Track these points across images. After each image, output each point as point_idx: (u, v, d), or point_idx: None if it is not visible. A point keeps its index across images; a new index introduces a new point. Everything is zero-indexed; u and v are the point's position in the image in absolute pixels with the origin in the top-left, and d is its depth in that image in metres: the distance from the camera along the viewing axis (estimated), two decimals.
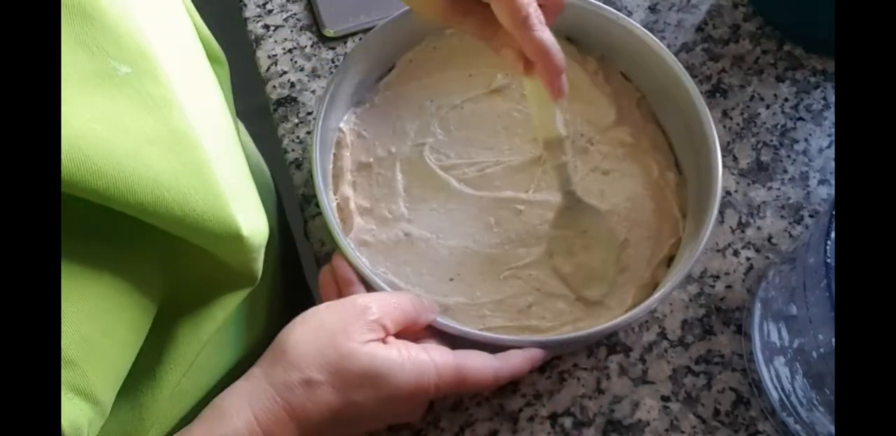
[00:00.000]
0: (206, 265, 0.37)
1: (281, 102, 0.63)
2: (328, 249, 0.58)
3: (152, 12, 0.34)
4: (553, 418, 0.53)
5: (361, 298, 0.43)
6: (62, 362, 0.28)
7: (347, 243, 0.49)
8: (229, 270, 0.38)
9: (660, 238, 0.53)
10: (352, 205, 0.53)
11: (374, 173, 0.55)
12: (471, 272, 0.52)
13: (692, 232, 0.51)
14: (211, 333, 0.40)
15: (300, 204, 0.60)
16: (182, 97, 0.32)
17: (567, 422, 0.53)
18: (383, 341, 0.42)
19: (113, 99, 0.28)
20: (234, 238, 0.34)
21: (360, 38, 0.54)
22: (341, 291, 0.49)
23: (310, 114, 0.62)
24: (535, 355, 0.47)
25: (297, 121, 0.62)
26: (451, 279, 0.52)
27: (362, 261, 0.49)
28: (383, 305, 0.43)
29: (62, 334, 0.28)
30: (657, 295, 0.48)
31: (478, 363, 0.43)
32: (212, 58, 0.44)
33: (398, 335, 0.44)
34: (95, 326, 0.30)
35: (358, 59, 0.54)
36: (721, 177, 0.50)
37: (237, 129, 0.48)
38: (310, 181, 0.60)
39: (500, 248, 0.53)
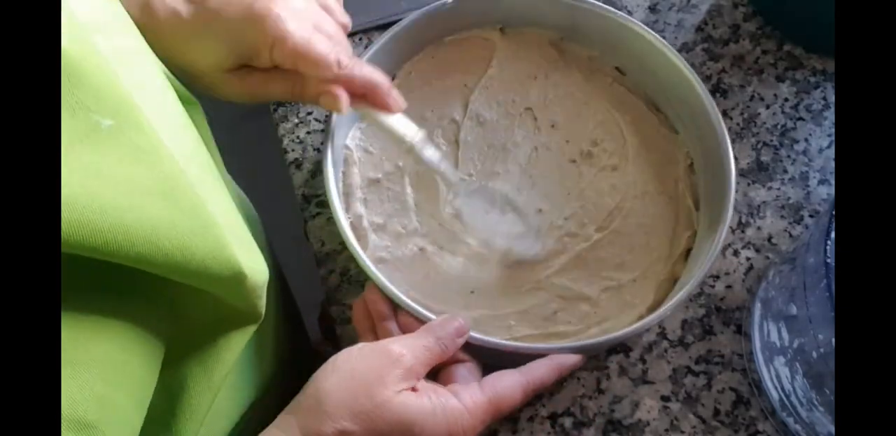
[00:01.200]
0: (210, 308, 0.36)
1: (281, 102, 0.62)
2: (328, 249, 0.58)
3: (123, 57, 0.34)
4: (553, 418, 0.53)
5: (395, 345, 0.43)
6: (81, 426, 0.28)
7: (368, 264, 0.48)
8: (234, 310, 0.38)
9: (676, 232, 0.54)
10: (365, 222, 0.53)
11: (384, 189, 0.54)
12: (490, 285, 0.52)
13: (707, 224, 0.52)
14: (222, 377, 0.40)
15: (300, 204, 0.60)
16: (167, 143, 0.32)
17: (567, 422, 0.53)
18: (414, 387, 0.42)
19: (100, 153, 0.28)
20: (238, 278, 0.34)
21: (362, 52, 0.54)
22: (375, 326, 0.48)
23: (310, 114, 0.62)
24: (561, 362, 0.46)
25: (297, 121, 0.62)
26: (472, 292, 0.52)
27: (383, 281, 0.48)
28: (415, 350, 0.43)
29: (78, 398, 0.28)
30: (685, 290, 0.47)
31: (506, 387, 0.43)
32: (184, 100, 0.44)
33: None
34: (109, 383, 0.29)
35: None
36: (733, 164, 0.51)
37: (220, 168, 0.48)
38: (310, 181, 0.60)
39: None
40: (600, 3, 0.56)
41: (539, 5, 0.56)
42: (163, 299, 0.33)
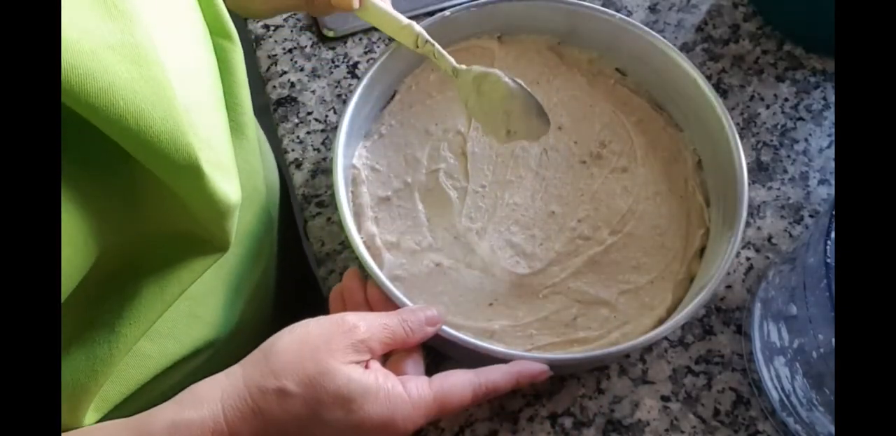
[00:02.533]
0: (174, 218, 0.36)
1: (281, 102, 0.63)
2: (328, 250, 0.58)
3: None
4: (553, 418, 0.53)
5: (351, 317, 0.42)
6: None
7: (387, 284, 0.47)
8: (199, 229, 0.38)
9: (689, 231, 0.54)
10: (378, 241, 0.53)
11: (395, 206, 0.54)
12: (508, 295, 0.52)
13: (720, 221, 0.52)
14: (176, 294, 0.40)
15: (300, 204, 0.60)
16: (152, 23, 0.31)
17: (567, 422, 0.53)
18: (367, 364, 0.42)
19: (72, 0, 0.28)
20: (194, 172, 0.33)
21: (366, 69, 0.54)
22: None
23: (310, 114, 0.62)
24: (522, 368, 0.45)
25: (297, 121, 0.62)
26: (490, 304, 0.52)
27: (403, 300, 0.47)
28: (372, 326, 0.42)
29: None
30: (707, 289, 0.47)
31: (455, 385, 0.42)
32: (218, 32, 0.44)
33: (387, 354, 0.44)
34: None
35: (364, 93, 0.53)
36: (743, 157, 0.51)
37: (242, 108, 0.47)
38: (310, 181, 0.60)
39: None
40: (597, 6, 0.56)
41: (536, 12, 0.56)
42: (122, 187, 0.33)
